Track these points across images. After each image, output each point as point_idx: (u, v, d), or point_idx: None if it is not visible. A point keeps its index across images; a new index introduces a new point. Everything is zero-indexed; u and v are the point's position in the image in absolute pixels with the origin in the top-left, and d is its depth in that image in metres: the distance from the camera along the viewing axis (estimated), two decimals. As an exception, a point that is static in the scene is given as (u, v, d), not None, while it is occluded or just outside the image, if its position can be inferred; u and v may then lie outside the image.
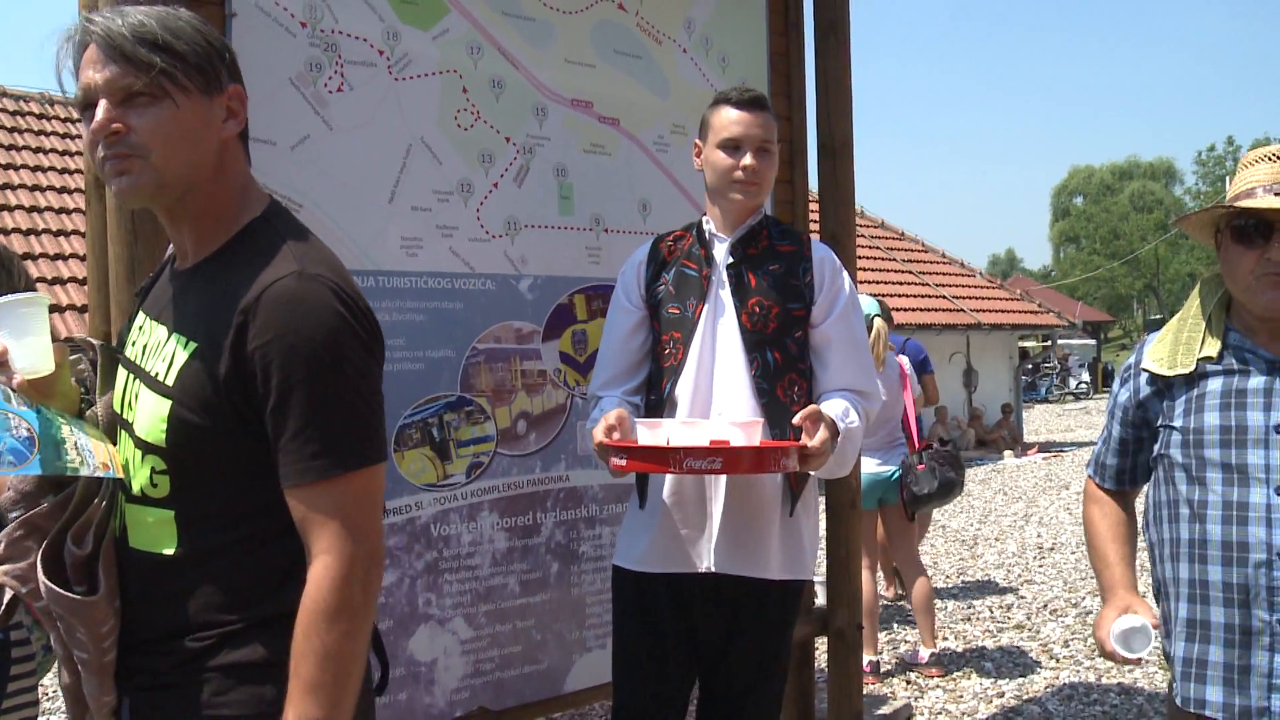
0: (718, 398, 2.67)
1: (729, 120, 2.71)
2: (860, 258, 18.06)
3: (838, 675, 4.02)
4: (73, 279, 10.09)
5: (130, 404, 1.69)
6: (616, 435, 2.45)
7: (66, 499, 1.69)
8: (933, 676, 5.61)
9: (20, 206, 10.86)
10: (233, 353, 1.56)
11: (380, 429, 1.64)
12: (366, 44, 2.97)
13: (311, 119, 2.88)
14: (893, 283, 18.15)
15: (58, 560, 1.65)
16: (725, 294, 2.71)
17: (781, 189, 4.00)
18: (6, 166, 11.42)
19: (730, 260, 2.73)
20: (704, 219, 2.81)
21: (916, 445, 5.80)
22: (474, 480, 3.20)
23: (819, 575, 4.17)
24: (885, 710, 5.00)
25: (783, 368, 2.67)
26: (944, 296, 18.75)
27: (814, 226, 4.05)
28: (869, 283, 17.08)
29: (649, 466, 2.35)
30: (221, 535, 1.63)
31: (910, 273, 19.19)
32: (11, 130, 12.17)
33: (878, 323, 5.62)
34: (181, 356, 1.62)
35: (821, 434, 2.41)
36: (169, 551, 1.64)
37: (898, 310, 15.70)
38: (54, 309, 9.25)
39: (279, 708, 1.54)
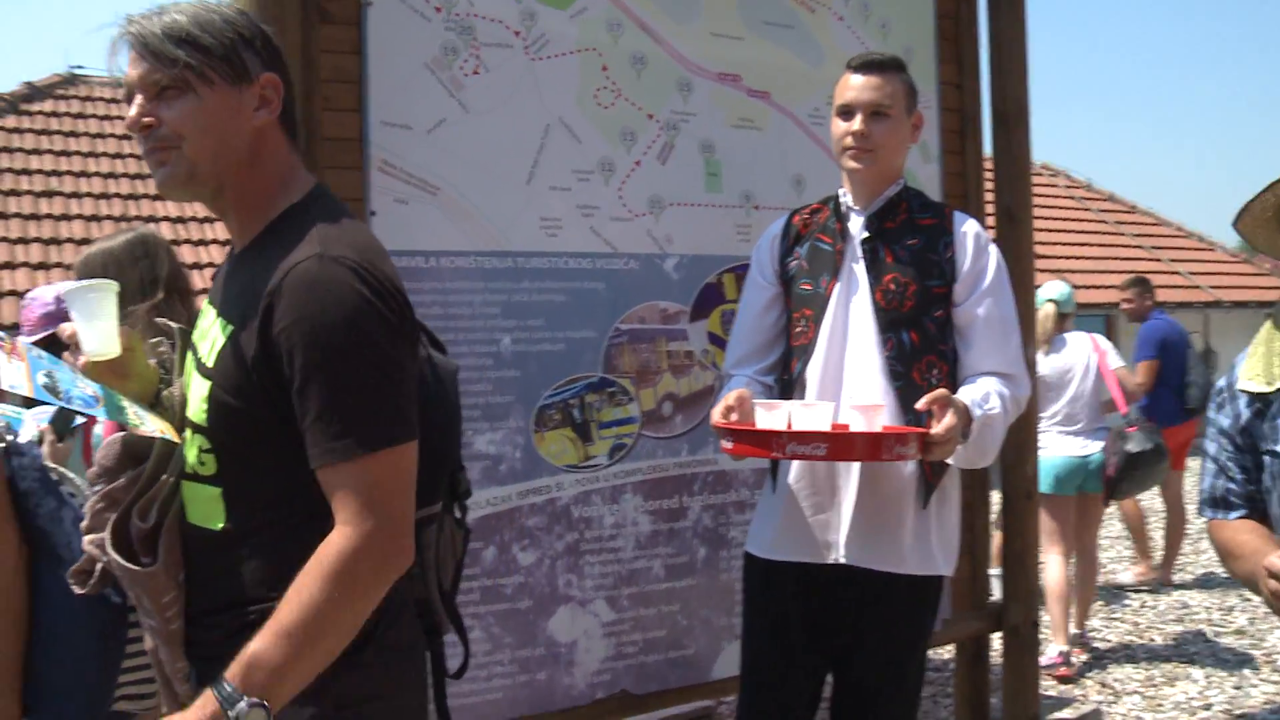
0: (848, 380, 2.54)
1: (843, 86, 2.58)
2: (1083, 233, 17.16)
3: (1012, 674, 3.81)
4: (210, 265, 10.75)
5: (188, 384, 1.73)
6: (735, 416, 2.36)
7: (139, 475, 1.74)
8: (1061, 677, 5.23)
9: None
10: (260, 336, 1.57)
11: (408, 408, 1.62)
12: (502, 26, 2.97)
13: (448, 102, 2.91)
14: (1120, 258, 17.16)
15: (125, 532, 1.71)
16: (859, 270, 2.58)
17: (951, 159, 3.80)
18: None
19: (865, 234, 2.59)
20: (840, 191, 2.68)
21: (1123, 411, 5.50)
22: (617, 462, 3.17)
23: (994, 570, 3.97)
24: (1068, 714, 4.71)
25: (920, 349, 2.51)
26: (1178, 273, 17.60)
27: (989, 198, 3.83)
28: (1093, 258, 16.22)
29: (753, 450, 2.26)
30: (264, 513, 1.65)
31: (1140, 248, 18.09)
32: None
33: (1047, 306, 5.36)
34: (220, 339, 1.65)
35: (948, 420, 2.25)
36: (219, 527, 1.67)
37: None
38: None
39: (319, 685, 1.55)
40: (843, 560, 2.52)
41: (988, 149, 3.89)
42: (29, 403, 2.51)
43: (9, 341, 1.76)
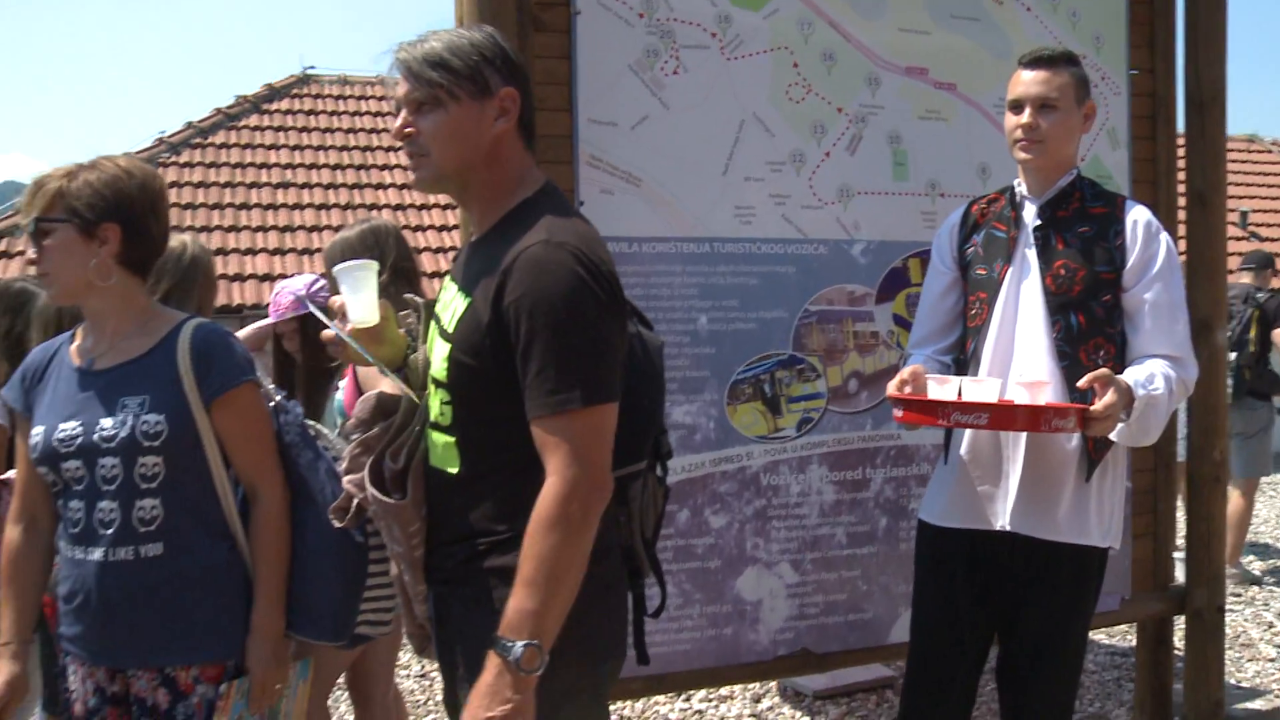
0: (1018, 358, 2.68)
1: (1014, 81, 2.73)
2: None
3: (1195, 660, 3.83)
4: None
5: (430, 348, 2.05)
6: (908, 389, 2.55)
7: (390, 425, 2.08)
8: None
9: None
10: (493, 306, 1.87)
11: (611, 375, 1.89)
12: (700, 28, 3.22)
13: (649, 101, 3.17)
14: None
15: (380, 473, 2.04)
16: (1031, 255, 2.72)
17: (1142, 145, 3.84)
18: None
19: (1038, 223, 2.73)
20: (1016, 182, 2.82)
21: None
22: (804, 434, 3.39)
23: (1178, 552, 3.99)
24: (1260, 705, 4.64)
25: (1087, 331, 2.64)
26: None
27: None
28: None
29: (921, 418, 2.44)
30: (493, 458, 1.95)
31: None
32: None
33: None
34: (460, 309, 1.95)
35: (1108, 398, 2.37)
36: (454, 470, 1.98)
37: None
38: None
39: None
40: (1007, 527, 2.68)
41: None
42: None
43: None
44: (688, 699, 4.83)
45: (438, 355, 2.01)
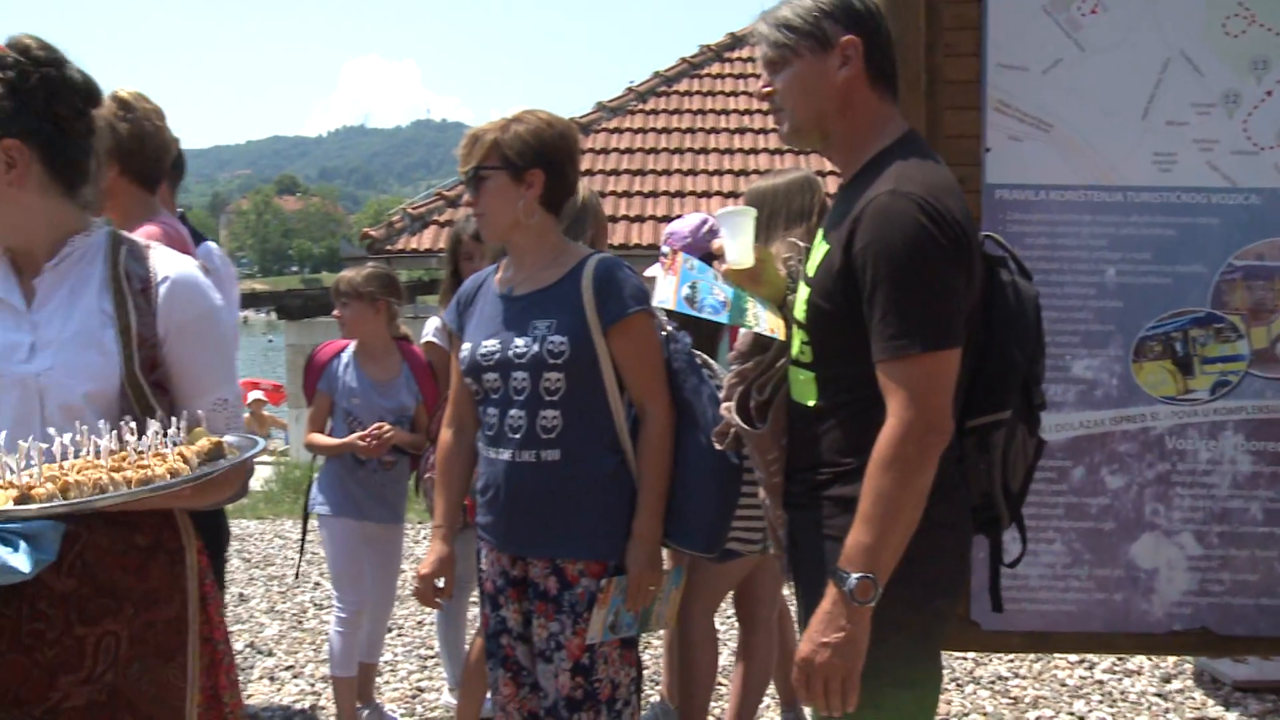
0: None
1: None
2: None
3: None
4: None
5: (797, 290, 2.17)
6: None
7: (763, 360, 2.23)
8: None
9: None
10: (844, 253, 1.97)
11: (952, 322, 1.92)
12: (1124, -37, 3.04)
13: (1064, 43, 3.05)
14: None
15: (746, 403, 2.21)
16: None
17: None
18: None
19: None
20: None
21: None
22: (1218, 398, 3.15)
23: None
24: None
25: None
26: None
27: None
28: None
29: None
30: (846, 395, 2.05)
31: None
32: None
33: None
34: (820, 255, 2.07)
35: None
36: (811, 403, 2.11)
37: None
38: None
39: None
40: None
41: None
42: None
43: (670, 257, 2.33)
44: (1090, 666, 4.66)
45: (800, 297, 2.13)
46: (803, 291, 2.11)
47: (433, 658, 5.12)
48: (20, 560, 1.76)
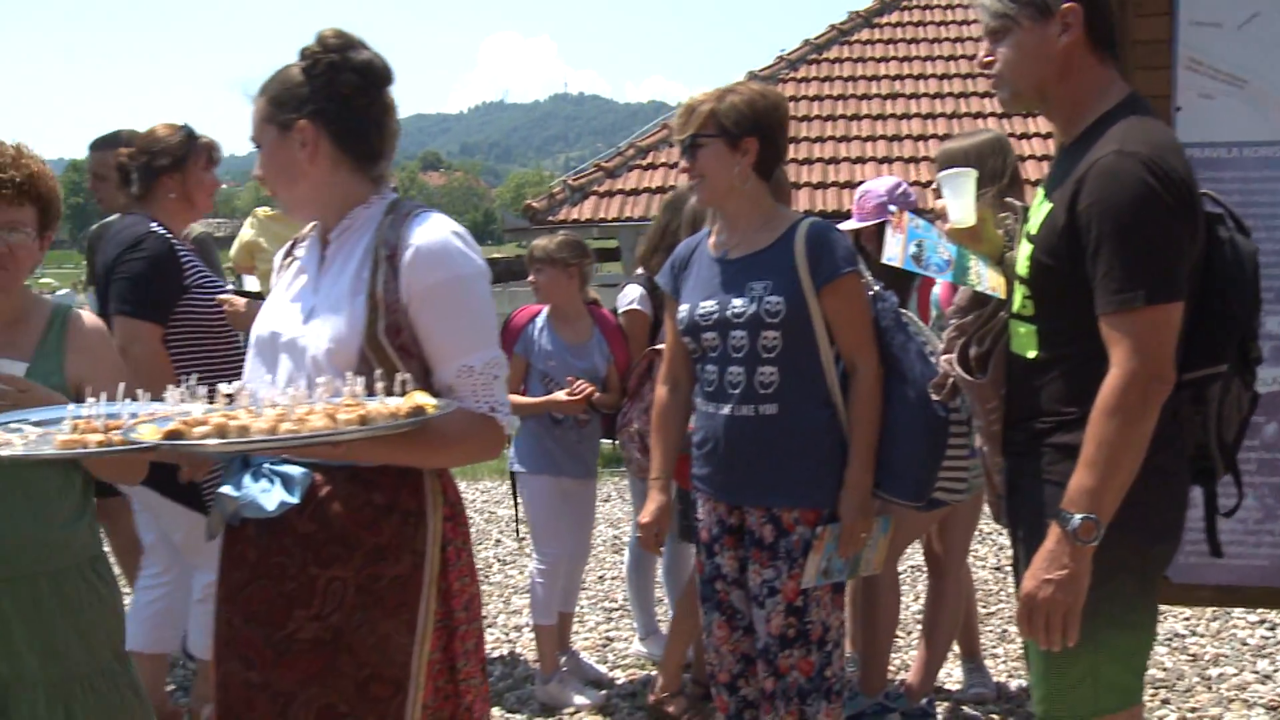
0: None
1: None
2: None
3: None
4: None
5: (1019, 247, 2.29)
6: None
7: (981, 314, 2.35)
8: None
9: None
10: (1069, 212, 2.08)
11: (1175, 276, 2.02)
12: (1329, -86, 3.03)
13: (1263, -2, 3.06)
14: None
15: (966, 355, 2.33)
16: None
17: None
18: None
19: None
20: None
21: None
22: None
23: None
24: None
25: None
26: None
27: None
28: None
29: None
30: (1068, 347, 2.16)
31: None
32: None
33: None
34: (1043, 213, 2.17)
35: None
36: (1032, 355, 2.22)
37: None
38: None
39: None
40: None
41: None
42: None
43: (898, 215, 2.47)
44: (1272, 627, 4.63)
45: (1022, 254, 2.25)
46: (1025, 249, 2.22)
47: (618, 609, 5.37)
48: (269, 498, 1.99)
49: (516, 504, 4.42)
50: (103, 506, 4.74)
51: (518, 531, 5.42)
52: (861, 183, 4.20)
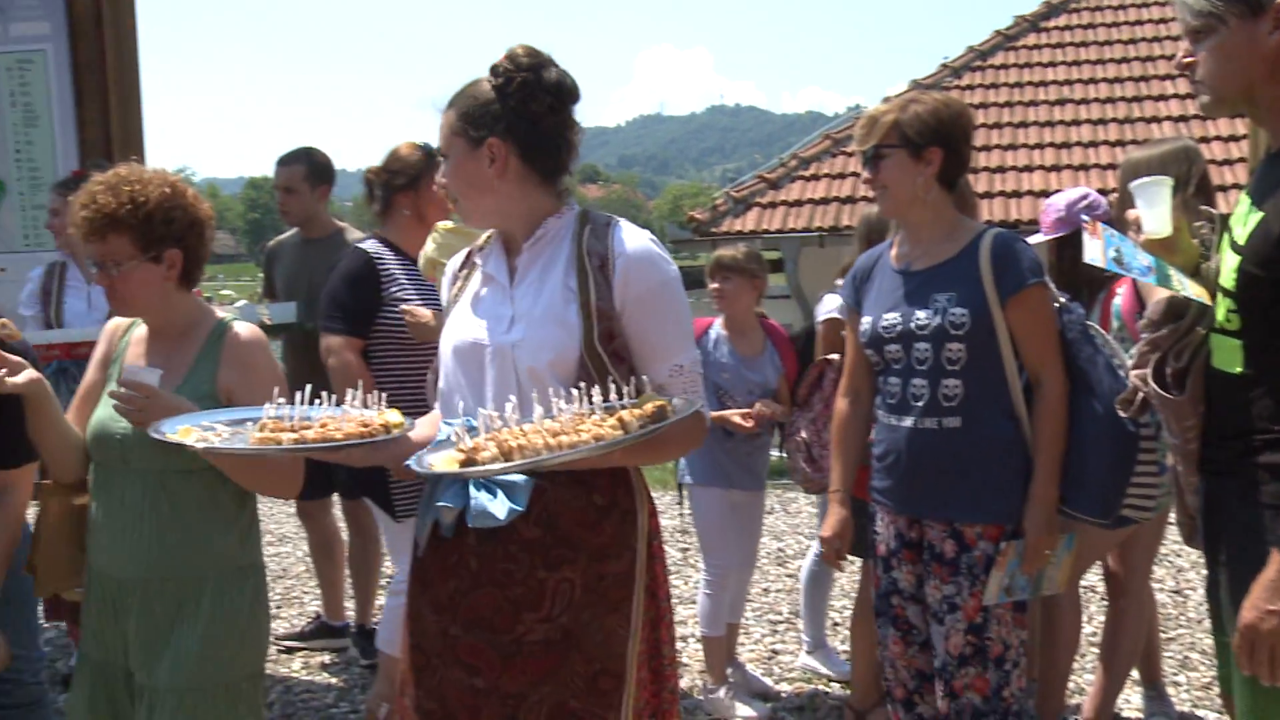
0: None
1: None
2: None
3: None
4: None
5: (1222, 258, 2.18)
6: None
7: (1178, 327, 2.26)
8: None
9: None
10: None
11: None
12: None
13: None
14: None
15: (1162, 370, 2.24)
16: None
17: None
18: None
19: None
20: None
21: None
22: None
23: None
24: None
25: None
26: None
27: None
28: None
29: None
30: (1276, 362, 2.04)
31: None
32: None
33: None
34: (1253, 222, 2.06)
35: None
36: (1237, 370, 2.11)
37: None
38: None
39: None
40: None
41: None
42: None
43: (1091, 225, 2.40)
44: None
45: (1227, 265, 2.13)
46: (1230, 259, 2.12)
47: (782, 622, 5.35)
48: (497, 507, 2.06)
49: (682, 514, 4.45)
50: (303, 508, 5.01)
51: (684, 542, 5.45)
52: (1030, 193, 4.10)
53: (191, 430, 2.12)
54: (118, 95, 4.74)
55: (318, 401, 2.16)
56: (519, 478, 2.07)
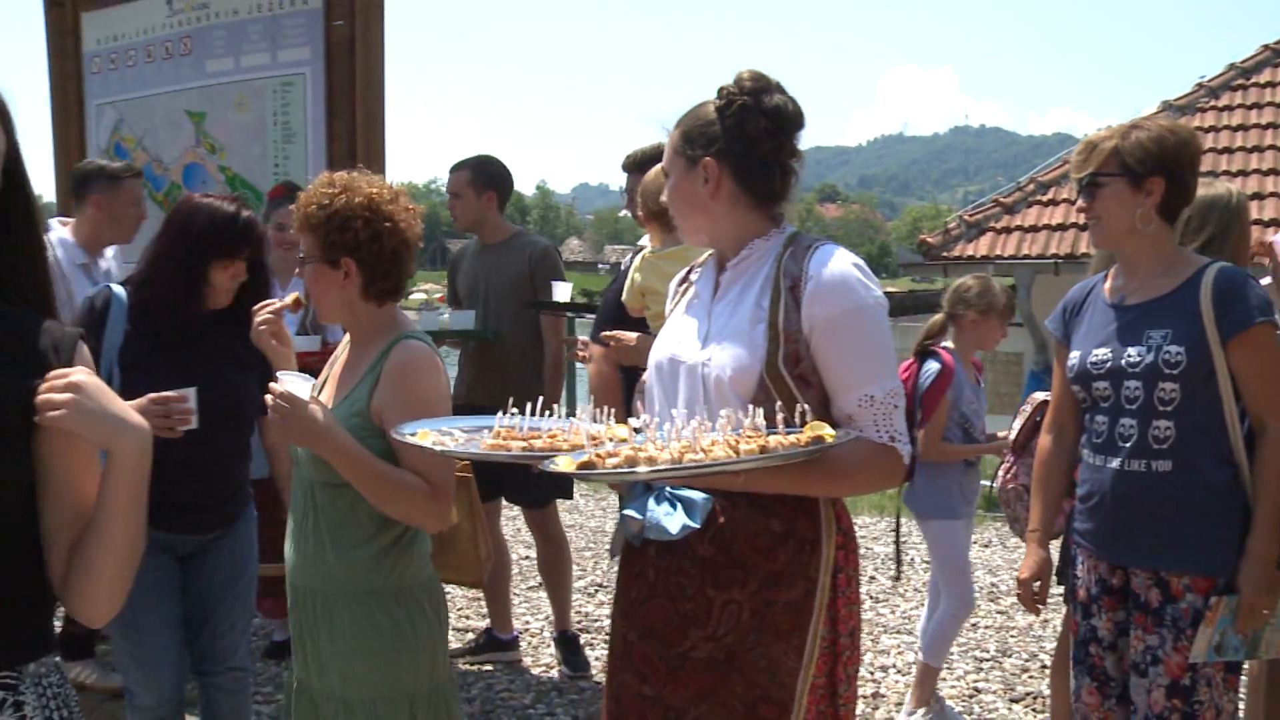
0: None
1: None
2: None
3: None
4: None
5: None
6: None
7: None
8: None
9: None
10: None
11: None
12: None
13: None
14: None
15: None
16: None
17: None
18: None
19: None
20: None
21: None
22: None
23: None
24: None
25: None
26: None
27: None
28: None
29: None
30: None
31: None
32: None
33: None
34: None
35: None
36: None
37: None
38: None
39: None
40: None
41: None
42: None
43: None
44: None
45: None
46: None
47: (989, 660, 5.16)
48: (672, 522, 2.08)
49: (899, 543, 4.42)
50: (530, 517, 5.11)
51: (898, 569, 5.38)
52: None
53: (429, 434, 2.18)
54: (364, 113, 5.07)
55: (548, 413, 2.20)
56: (698, 495, 2.09)
